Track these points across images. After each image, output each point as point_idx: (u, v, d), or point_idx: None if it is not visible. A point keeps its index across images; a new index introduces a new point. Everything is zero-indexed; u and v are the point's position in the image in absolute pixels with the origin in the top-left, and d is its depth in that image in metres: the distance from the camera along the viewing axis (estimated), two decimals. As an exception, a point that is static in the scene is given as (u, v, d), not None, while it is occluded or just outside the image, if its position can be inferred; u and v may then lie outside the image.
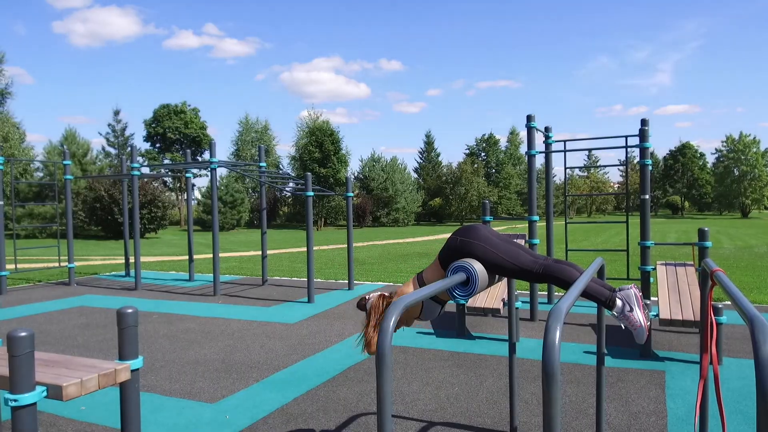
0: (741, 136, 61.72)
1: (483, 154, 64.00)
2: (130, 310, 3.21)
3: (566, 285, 2.71)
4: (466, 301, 6.49)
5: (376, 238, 31.27)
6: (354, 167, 57.02)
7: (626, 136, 7.94)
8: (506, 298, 6.53)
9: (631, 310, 2.63)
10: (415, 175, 61.09)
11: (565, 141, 8.39)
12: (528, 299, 7.53)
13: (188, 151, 12.21)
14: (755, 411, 1.35)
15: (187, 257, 19.03)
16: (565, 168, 8.53)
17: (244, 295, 10.13)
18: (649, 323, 2.66)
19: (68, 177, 12.20)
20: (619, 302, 2.65)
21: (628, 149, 7.45)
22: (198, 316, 8.09)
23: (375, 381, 4.97)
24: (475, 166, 56.34)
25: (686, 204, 70.59)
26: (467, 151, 65.40)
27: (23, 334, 2.62)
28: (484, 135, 64.54)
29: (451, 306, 8.54)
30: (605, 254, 16.80)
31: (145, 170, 30.49)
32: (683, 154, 67.32)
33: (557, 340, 1.55)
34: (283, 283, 11.63)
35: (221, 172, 51.16)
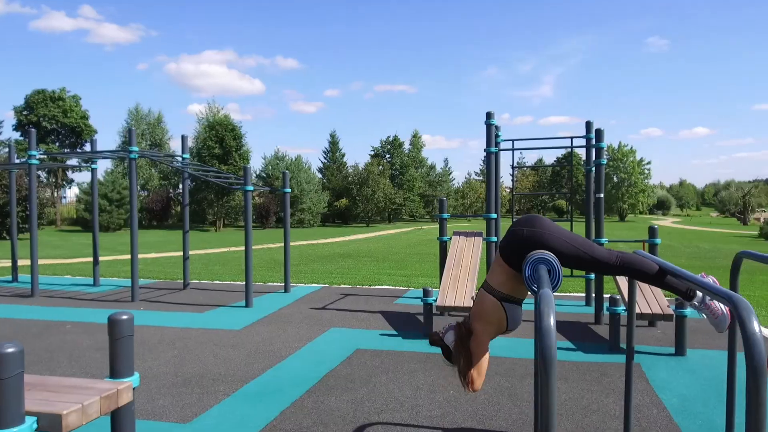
0: (620, 146, 67.86)
1: (388, 155, 64.78)
2: (125, 317, 2.63)
3: (645, 276, 2.57)
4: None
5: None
6: (256, 165, 55.12)
7: (571, 137, 8.21)
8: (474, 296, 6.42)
9: (711, 299, 2.54)
10: (320, 175, 60.42)
11: (513, 140, 8.50)
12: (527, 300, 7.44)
13: (94, 138, 10.89)
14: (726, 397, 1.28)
15: (78, 260, 17.16)
16: (513, 167, 8.65)
17: (166, 300, 9.20)
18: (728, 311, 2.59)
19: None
20: (699, 292, 2.56)
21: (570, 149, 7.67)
22: (124, 324, 7.15)
23: (362, 388, 4.62)
24: (381, 168, 56.89)
25: (571, 208, 76.13)
26: (372, 153, 65.86)
27: (11, 350, 1.99)
28: (389, 137, 65.33)
29: (416, 307, 8.34)
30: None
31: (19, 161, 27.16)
32: (569, 161, 72.63)
33: (552, 324, 1.59)
34: (206, 287, 10.76)
35: (106, 166, 47.15)
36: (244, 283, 11.25)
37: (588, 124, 8.25)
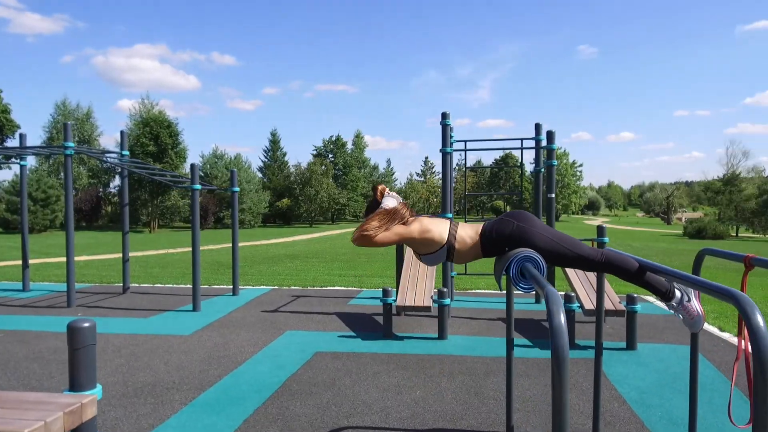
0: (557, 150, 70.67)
1: (331, 155, 64.37)
2: (86, 324, 2.42)
3: (626, 274, 2.61)
4: (530, 291, 6.22)
5: (224, 240, 29.49)
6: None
7: (522, 139, 8.39)
8: (434, 296, 6.43)
9: (689, 300, 2.62)
10: (260, 175, 59.24)
11: (465, 141, 8.60)
12: (475, 298, 7.49)
13: (23, 134, 10.11)
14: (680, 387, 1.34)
15: (1, 263, 15.95)
16: (465, 168, 8.75)
17: (106, 305, 8.69)
18: (704, 313, 2.68)
19: None
20: (678, 293, 2.63)
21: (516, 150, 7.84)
22: (61, 332, 6.68)
23: (326, 392, 4.50)
24: (324, 167, 56.45)
25: (508, 208, 78.61)
26: (315, 152, 65.25)
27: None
28: (331, 137, 64.96)
29: (372, 308, 8.26)
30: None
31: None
32: (506, 162, 74.85)
33: (564, 323, 1.62)
34: (147, 291, 10.26)
35: (28, 163, 44.19)
36: (187, 286, 10.85)
37: (537, 127, 8.47)
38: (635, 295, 5.77)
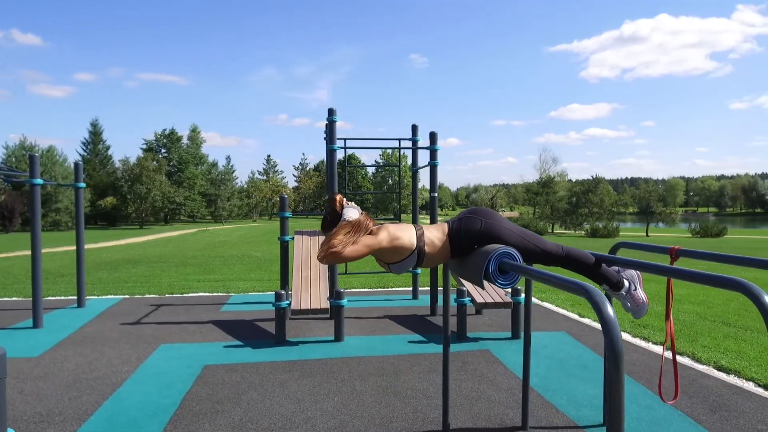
0: (393, 152, 73.70)
1: (164, 150, 59.60)
2: (-3, 357, 1.87)
3: (585, 268, 2.75)
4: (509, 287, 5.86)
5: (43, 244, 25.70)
6: (-6, 157, 45.71)
7: (399, 139, 8.57)
8: (330, 297, 6.23)
9: (636, 289, 2.84)
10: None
11: (345, 139, 8.51)
12: (355, 297, 7.26)
13: None
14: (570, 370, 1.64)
15: None
16: (345, 166, 8.66)
17: None
18: (647, 300, 2.91)
19: None
20: (626, 283, 2.82)
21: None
22: None
23: (235, 409, 4.08)
24: (156, 163, 52.11)
25: (399, 206, 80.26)
26: (145, 146, 59.91)
27: None
28: (165, 130, 60.13)
29: (250, 314, 7.74)
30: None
31: None
32: (349, 163, 76.37)
33: (613, 315, 1.69)
34: (-42, 306, 8.48)
35: None
36: (14, 299, 9.24)
37: (414, 128, 8.72)
38: (519, 288, 6.19)
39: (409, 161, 8.39)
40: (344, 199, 2.71)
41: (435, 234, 2.69)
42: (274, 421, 3.87)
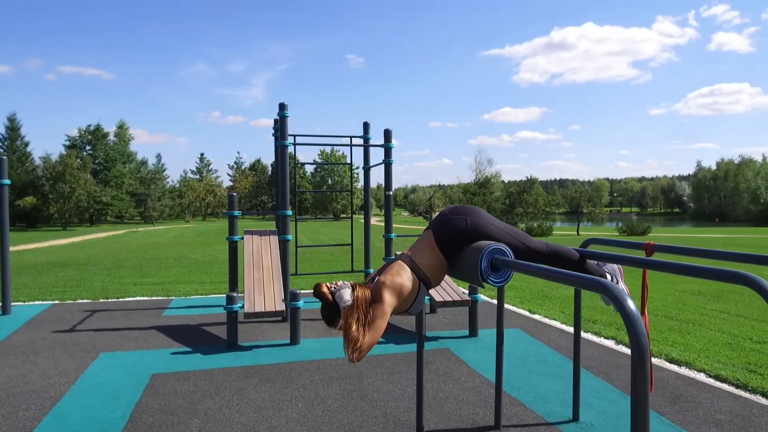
0: (332, 151, 73.26)
1: (89, 147, 56.38)
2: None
3: (570, 264, 2.73)
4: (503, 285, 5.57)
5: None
6: None
7: (351, 137, 8.43)
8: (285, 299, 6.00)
9: (617, 282, 2.84)
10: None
11: (295, 135, 8.27)
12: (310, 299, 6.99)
13: None
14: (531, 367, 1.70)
15: None
16: (296, 164, 8.41)
17: None
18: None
19: None
20: (608, 276, 2.83)
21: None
22: None
23: (193, 419, 3.81)
24: (80, 160, 49.20)
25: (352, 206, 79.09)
26: (68, 143, 56.46)
27: None
28: (89, 126, 56.89)
29: (195, 318, 7.36)
30: (335, 249, 17.18)
31: None
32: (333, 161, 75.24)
33: (636, 310, 1.67)
34: None
35: None
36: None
37: (365, 126, 8.59)
38: (476, 286, 6.20)
39: (351, 160, 8.28)
40: (327, 285, 2.52)
41: (425, 254, 2.60)
42: (237, 430, 3.64)
